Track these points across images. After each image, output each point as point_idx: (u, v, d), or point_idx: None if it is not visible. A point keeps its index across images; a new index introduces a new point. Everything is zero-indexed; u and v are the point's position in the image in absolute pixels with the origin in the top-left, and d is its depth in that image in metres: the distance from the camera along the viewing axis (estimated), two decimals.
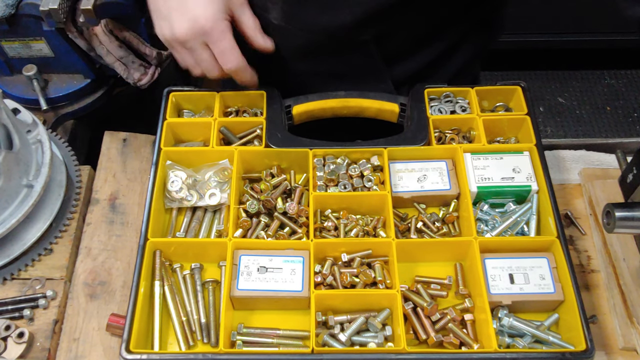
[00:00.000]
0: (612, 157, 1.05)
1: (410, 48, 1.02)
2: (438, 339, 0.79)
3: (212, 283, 0.86)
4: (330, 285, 0.84)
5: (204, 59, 0.89)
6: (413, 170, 0.93)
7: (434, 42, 1.03)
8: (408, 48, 1.02)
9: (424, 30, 0.99)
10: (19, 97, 1.17)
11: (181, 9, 0.85)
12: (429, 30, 1.00)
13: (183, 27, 0.85)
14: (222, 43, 0.87)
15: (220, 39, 0.86)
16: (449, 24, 1.01)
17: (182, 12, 0.85)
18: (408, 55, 1.03)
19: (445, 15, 0.99)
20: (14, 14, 1.06)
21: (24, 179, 0.90)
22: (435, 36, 1.02)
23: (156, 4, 0.88)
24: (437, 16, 0.98)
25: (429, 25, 0.99)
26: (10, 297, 0.90)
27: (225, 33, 0.86)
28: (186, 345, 0.83)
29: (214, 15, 0.85)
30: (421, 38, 1.01)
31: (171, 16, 0.86)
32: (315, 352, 0.76)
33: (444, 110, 0.99)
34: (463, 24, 1.03)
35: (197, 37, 0.86)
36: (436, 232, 0.90)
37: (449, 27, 1.02)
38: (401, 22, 0.94)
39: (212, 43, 0.87)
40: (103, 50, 1.11)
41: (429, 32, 1.00)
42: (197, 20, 0.84)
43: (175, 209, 0.94)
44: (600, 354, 0.85)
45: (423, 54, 1.03)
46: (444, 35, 1.02)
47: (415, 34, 1.00)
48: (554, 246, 0.85)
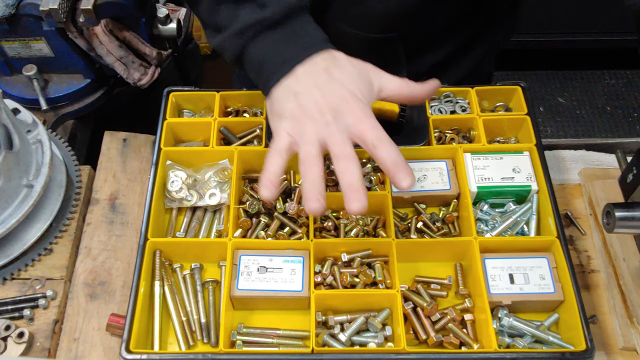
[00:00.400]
0: (612, 157, 1.05)
1: (429, 43, 1.02)
2: (438, 339, 0.79)
3: (212, 283, 0.86)
4: (330, 285, 0.84)
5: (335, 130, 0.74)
6: (413, 170, 0.93)
7: (452, 38, 1.02)
8: (427, 43, 1.01)
9: (445, 23, 0.99)
10: (19, 97, 1.18)
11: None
12: (450, 23, 0.99)
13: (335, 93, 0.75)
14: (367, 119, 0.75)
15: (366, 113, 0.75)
16: (466, 19, 1.01)
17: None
18: (426, 51, 1.03)
19: (466, 9, 0.98)
20: (14, 14, 1.06)
21: (24, 179, 0.90)
22: (453, 32, 1.01)
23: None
24: (459, 8, 0.97)
25: (451, 18, 0.98)
26: (10, 297, 0.90)
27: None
28: (186, 345, 0.83)
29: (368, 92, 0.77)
30: (440, 33, 1.00)
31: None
32: (315, 352, 0.76)
33: (444, 110, 0.99)
34: (479, 19, 1.03)
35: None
36: (436, 232, 0.90)
37: (465, 23, 1.01)
38: (426, 15, 0.93)
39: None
40: (103, 50, 1.11)
41: (449, 26, 1.00)
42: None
43: (175, 209, 0.94)
44: (600, 354, 0.85)
45: (440, 49, 1.03)
46: (460, 31, 1.02)
47: (437, 28, 0.99)
48: (554, 246, 0.85)
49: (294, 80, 0.76)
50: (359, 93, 0.75)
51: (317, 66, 0.76)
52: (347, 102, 0.74)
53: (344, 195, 0.70)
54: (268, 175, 0.73)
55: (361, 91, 0.76)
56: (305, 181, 0.71)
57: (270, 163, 0.74)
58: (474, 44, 1.06)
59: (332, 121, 0.73)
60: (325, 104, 0.74)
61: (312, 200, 0.70)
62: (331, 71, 0.76)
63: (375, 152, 0.72)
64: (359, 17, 0.92)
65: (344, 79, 0.76)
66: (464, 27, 1.02)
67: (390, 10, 0.90)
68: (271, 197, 0.73)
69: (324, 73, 0.76)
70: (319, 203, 0.70)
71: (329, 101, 0.74)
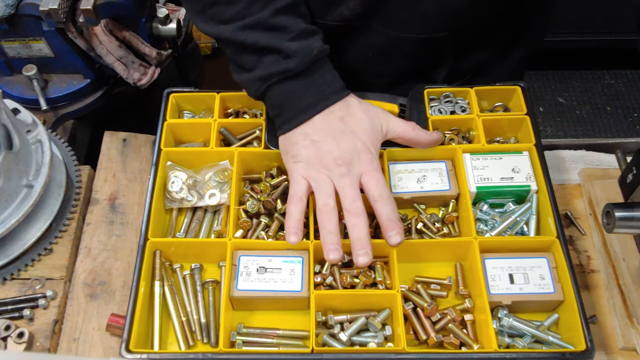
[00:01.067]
0: (612, 157, 1.05)
1: (476, 42, 1.02)
2: (438, 339, 0.79)
3: (212, 283, 0.87)
4: (330, 286, 0.84)
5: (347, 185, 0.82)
6: (413, 171, 0.93)
7: (496, 37, 1.03)
8: (474, 42, 1.02)
9: (492, 20, 0.99)
10: (18, 97, 1.18)
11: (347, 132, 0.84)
12: (496, 21, 1.00)
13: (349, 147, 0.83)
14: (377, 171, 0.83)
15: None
16: (511, 16, 1.01)
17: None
18: (472, 50, 1.03)
19: (510, 8, 0.99)
20: (14, 14, 1.06)
21: (24, 179, 0.90)
22: (498, 30, 1.02)
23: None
24: (504, 7, 0.98)
25: (499, 14, 0.99)
26: (10, 297, 0.90)
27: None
28: (186, 345, 0.83)
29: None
30: (487, 31, 1.01)
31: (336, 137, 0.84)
32: (315, 351, 0.76)
33: (443, 111, 0.99)
34: (522, 16, 1.03)
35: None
36: (436, 232, 0.90)
37: (509, 20, 1.02)
38: (477, 11, 0.93)
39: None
40: (103, 50, 1.11)
41: (495, 24, 1.00)
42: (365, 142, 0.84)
43: (175, 210, 0.94)
44: (600, 354, 0.85)
45: (485, 48, 1.04)
46: (504, 30, 1.03)
47: (485, 25, 0.99)
48: (553, 246, 0.85)
49: (312, 128, 0.83)
50: (369, 142, 0.84)
51: (333, 115, 0.84)
52: (359, 154, 0.82)
53: (352, 248, 0.78)
54: (293, 222, 0.80)
55: (371, 140, 0.84)
56: (324, 232, 0.79)
57: (294, 210, 0.81)
58: (516, 43, 1.07)
59: (346, 173, 0.81)
60: (340, 155, 0.81)
61: (332, 251, 0.77)
62: (346, 121, 0.84)
63: (375, 205, 0.80)
64: (410, 20, 0.93)
65: (357, 129, 0.84)
66: (507, 26, 1.02)
67: (445, 9, 0.90)
68: (298, 242, 0.80)
69: (339, 123, 0.83)
70: (338, 253, 0.78)
71: (343, 152, 0.82)
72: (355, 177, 0.81)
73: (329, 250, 0.78)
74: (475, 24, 0.97)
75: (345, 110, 0.84)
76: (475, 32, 0.99)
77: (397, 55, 1.00)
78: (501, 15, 0.99)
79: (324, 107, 0.83)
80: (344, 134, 0.83)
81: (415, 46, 0.97)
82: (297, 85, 0.84)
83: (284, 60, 0.83)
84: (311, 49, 0.83)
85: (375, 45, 0.98)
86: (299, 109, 0.84)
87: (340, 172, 0.81)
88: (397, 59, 1.01)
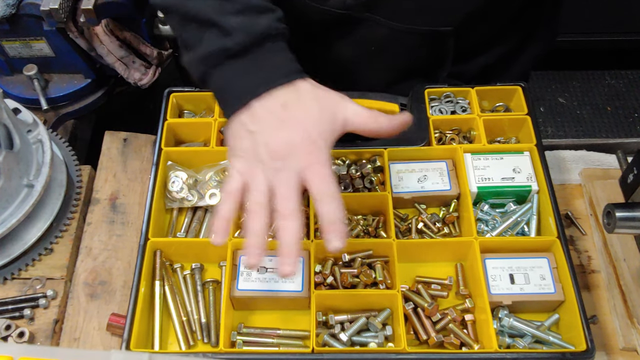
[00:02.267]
0: (613, 157, 1.05)
1: (483, 43, 1.01)
2: (439, 339, 0.79)
3: (213, 283, 0.87)
4: (331, 286, 0.84)
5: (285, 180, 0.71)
6: (413, 170, 0.93)
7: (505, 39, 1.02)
8: (481, 43, 1.01)
9: (501, 22, 0.98)
10: (19, 96, 1.18)
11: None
12: (503, 23, 0.99)
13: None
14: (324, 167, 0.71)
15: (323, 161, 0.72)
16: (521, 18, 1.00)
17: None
18: (478, 52, 1.02)
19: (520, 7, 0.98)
20: (15, 13, 1.06)
21: (25, 178, 0.90)
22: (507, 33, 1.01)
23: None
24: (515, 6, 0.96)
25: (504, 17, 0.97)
26: (11, 296, 0.90)
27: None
28: (186, 345, 0.83)
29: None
30: (496, 32, 0.99)
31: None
32: (315, 351, 0.76)
33: (444, 111, 0.99)
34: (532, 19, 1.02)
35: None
36: (437, 232, 0.90)
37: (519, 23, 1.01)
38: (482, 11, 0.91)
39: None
40: (104, 50, 1.11)
41: (505, 25, 0.99)
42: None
43: (176, 209, 0.94)
44: (600, 354, 0.85)
45: (493, 51, 1.03)
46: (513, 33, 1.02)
47: (493, 26, 0.98)
48: (554, 246, 0.85)
49: (249, 117, 0.72)
50: (317, 133, 0.71)
51: (274, 101, 0.72)
52: (301, 146, 0.70)
53: (278, 254, 0.68)
54: (220, 221, 0.71)
55: (320, 131, 0.72)
56: (247, 233, 0.69)
57: (221, 208, 0.71)
58: (524, 47, 1.06)
59: (282, 167, 0.70)
60: (276, 148, 0.70)
61: (251, 255, 0.68)
62: (290, 108, 0.72)
63: (316, 204, 0.69)
64: (414, 11, 0.90)
65: (303, 117, 0.72)
66: (516, 29, 1.01)
67: (450, 1, 0.88)
68: (222, 243, 0.70)
69: (280, 110, 0.72)
70: (257, 259, 0.68)
71: (280, 144, 0.71)
72: (293, 173, 0.70)
73: (248, 254, 0.68)
74: (483, 22, 0.96)
75: (292, 95, 0.72)
76: (483, 31, 0.98)
77: (399, 49, 0.98)
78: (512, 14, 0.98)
79: (264, 92, 0.72)
80: (285, 122, 0.71)
81: (418, 40, 0.95)
82: (238, 68, 0.74)
83: (224, 37, 0.73)
84: (254, 27, 0.73)
85: (377, 39, 0.96)
86: (236, 94, 0.73)
87: (275, 167, 0.70)
88: (398, 54, 0.99)
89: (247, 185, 0.72)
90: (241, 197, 0.72)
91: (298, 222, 0.68)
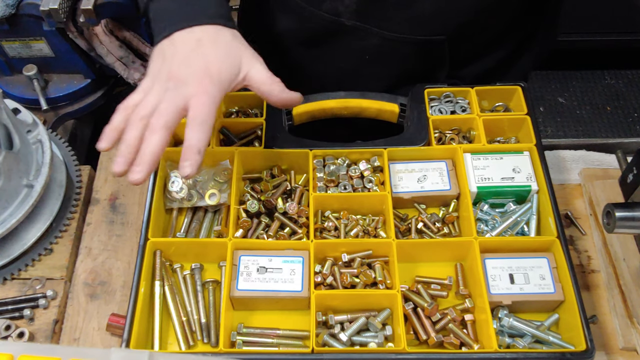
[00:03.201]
0: (612, 157, 1.05)
1: (477, 51, 1.01)
2: (438, 339, 0.79)
3: (212, 283, 0.86)
4: (331, 286, 0.84)
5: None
6: (413, 170, 0.93)
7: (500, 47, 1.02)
8: (475, 50, 1.01)
9: (495, 30, 0.99)
10: (19, 97, 1.17)
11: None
12: (500, 29, 0.99)
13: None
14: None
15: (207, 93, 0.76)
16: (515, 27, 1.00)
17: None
18: (473, 59, 1.03)
19: (517, 15, 0.98)
20: (14, 13, 1.06)
21: (24, 179, 0.90)
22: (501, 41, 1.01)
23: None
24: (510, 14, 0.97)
25: (501, 24, 0.98)
26: (10, 297, 0.90)
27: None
28: (186, 345, 0.83)
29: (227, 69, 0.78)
30: (489, 40, 1.00)
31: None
32: (315, 351, 0.76)
33: (444, 111, 0.99)
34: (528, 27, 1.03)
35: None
36: (436, 232, 0.90)
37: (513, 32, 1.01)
38: (479, 19, 0.92)
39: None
40: (103, 50, 1.11)
41: (498, 33, 1.00)
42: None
43: (175, 209, 0.94)
44: (600, 354, 0.85)
45: (487, 58, 1.03)
46: (508, 41, 1.02)
47: (487, 34, 0.98)
48: (554, 246, 0.85)
49: (169, 45, 0.79)
50: (216, 71, 0.76)
51: (192, 35, 0.78)
52: (195, 75, 0.75)
53: (133, 163, 0.73)
54: (109, 129, 0.75)
55: (221, 71, 0.76)
56: (121, 141, 0.74)
57: (115, 119, 0.76)
58: (524, 48, 1.06)
59: (172, 88, 0.75)
60: (175, 72, 0.76)
61: (116, 163, 0.73)
62: (202, 43, 0.78)
63: (185, 129, 0.73)
64: (406, 21, 0.92)
65: (210, 54, 0.77)
66: (511, 36, 1.02)
67: (442, 11, 0.90)
68: (105, 149, 0.75)
69: (194, 44, 0.78)
70: (121, 167, 0.73)
71: (180, 69, 0.76)
72: (180, 96, 0.74)
73: (114, 162, 0.73)
74: (477, 30, 0.96)
75: (210, 35, 0.79)
76: (478, 38, 0.99)
77: (394, 58, 0.99)
78: (507, 22, 0.99)
79: (186, 26, 0.79)
80: (193, 53, 0.77)
81: (412, 49, 0.97)
82: (174, 3, 0.82)
83: None
84: None
85: (371, 48, 0.98)
86: (164, 24, 0.80)
87: (167, 87, 0.75)
88: (393, 63, 1.01)
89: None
90: None
91: (162, 139, 0.72)
